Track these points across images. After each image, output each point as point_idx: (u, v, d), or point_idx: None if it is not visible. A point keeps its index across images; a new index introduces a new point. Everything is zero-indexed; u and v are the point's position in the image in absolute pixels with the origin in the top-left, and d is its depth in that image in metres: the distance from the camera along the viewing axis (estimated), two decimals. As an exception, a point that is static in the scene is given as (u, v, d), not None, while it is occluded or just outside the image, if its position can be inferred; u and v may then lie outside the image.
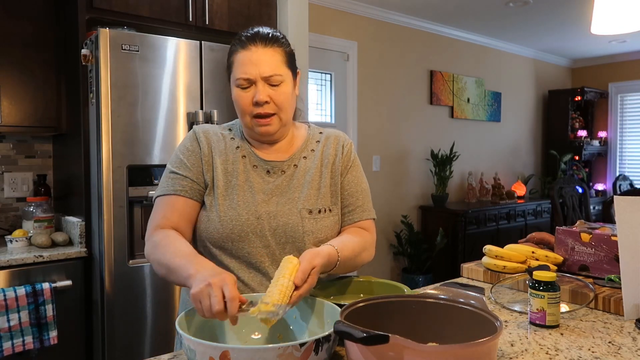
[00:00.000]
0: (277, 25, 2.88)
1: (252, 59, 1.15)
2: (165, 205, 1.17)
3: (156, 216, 1.17)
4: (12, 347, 2.01)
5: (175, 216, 1.16)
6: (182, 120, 2.34)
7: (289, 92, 1.19)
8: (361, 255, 1.20)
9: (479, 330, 0.85)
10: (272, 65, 1.16)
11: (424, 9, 4.36)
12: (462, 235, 4.48)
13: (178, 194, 1.17)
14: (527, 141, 6.18)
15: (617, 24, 1.65)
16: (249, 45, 1.16)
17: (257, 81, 1.15)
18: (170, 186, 1.18)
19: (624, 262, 1.20)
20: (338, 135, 1.32)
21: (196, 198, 1.19)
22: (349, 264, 1.15)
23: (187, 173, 1.19)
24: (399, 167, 4.66)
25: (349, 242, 1.16)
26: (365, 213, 1.28)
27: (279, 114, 1.18)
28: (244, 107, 1.17)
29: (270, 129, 1.19)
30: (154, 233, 1.14)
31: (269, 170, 1.22)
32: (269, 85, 1.16)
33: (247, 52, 1.16)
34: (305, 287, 0.95)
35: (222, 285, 0.88)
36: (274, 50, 1.18)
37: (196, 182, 1.19)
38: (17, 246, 2.25)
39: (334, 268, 1.09)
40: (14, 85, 2.36)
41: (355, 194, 1.28)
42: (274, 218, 1.17)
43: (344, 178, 1.27)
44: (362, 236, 1.24)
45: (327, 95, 4.18)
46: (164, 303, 2.28)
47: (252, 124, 1.19)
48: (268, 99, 1.16)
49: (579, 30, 5.08)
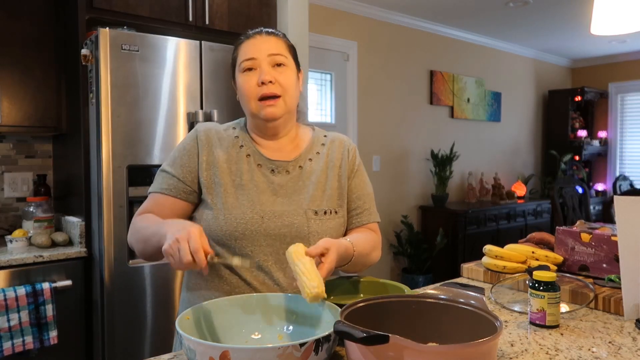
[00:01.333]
0: (277, 25, 2.88)
1: (256, 43, 1.20)
2: (152, 201, 1.23)
3: (140, 208, 1.23)
4: (12, 347, 2.01)
5: (156, 210, 1.20)
6: (182, 120, 2.34)
7: (293, 77, 1.22)
8: (372, 253, 1.24)
9: (479, 330, 0.85)
10: (276, 46, 1.20)
11: (424, 9, 4.36)
12: (462, 235, 4.49)
13: (164, 193, 1.21)
14: (527, 141, 6.18)
15: (617, 24, 1.64)
16: (254, 35, 1.22)
17: (262, 61, 1.18)
18: (158, 185, 1.23)
19: (624, 262, 1.20)
20: (342, 139, 1.34)
21: (181, 197, 1.21)
22: (361, 261, 1.18)
23: (176, 172, 1.22)
24: (399, 167, 4.66)
25: (362, 241, 1.20)
26: (372, 216, 1.32)
27: (284, 97, 1.20)
28: (249, 91, 1.19)
29: (275, 111, 1.19)
30: (134, 220, 1.21)
31: (274, 170, 1.23)
32: (273, 68, 1.19)
33: (252, 40, 1.21)
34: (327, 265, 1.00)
35: (188, 239, 0.95)
36: (277, 38, 1.23)
37: (182, 182, 1.21)
38: (17, 246, 2.25)
39: (349, 262, 1.12)
40: (14, 85, 2.36)
41: (363, 197, 1.30)
42: (279, 218, 1.17)
43: (351, 182, 1.30)
44: (372, 236, 1.27)
45: (327, 95, 4.18)
46: (164, 303, 2.28)
47: (258, 108, 1.19)
48: (273, 79, 1.18)
49: (579, 30, 5.08)
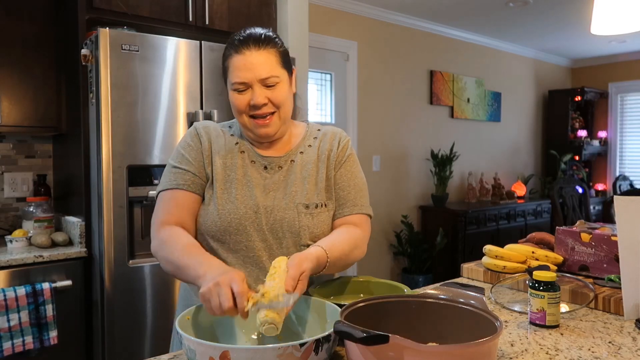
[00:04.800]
0: (277, 25, 2.88)
1: (246, 64, 1.15)
2: (168, 200, 1.18)
3: (160, 212, 1.18)
4: (12, 347, 2.01)
5: (178, 211, 1.17)
6: (182, 120, 2.34)
7: (285, 91, 1.20)
8: (352, 254, 1.18)
9: (479, 330, 0.85)
10: (267, 68, 1.15)
11: (424, 9, 4.36)
12: (462, 235, 4.48)
13: (181, 188, 1.18)
14: (527, 141, 6.18)
15: (617, 24, 1.64)
16: (242, 49, 1.16)
17: (254, 84, 1.15)
18: (173, 180, 1.19)
19: (624, 262, 1.20)
20: (335, 131, 1.32)
21: (198, 192, 1.20)
22: (339, 264, 1.14)
23: (189, 167, 1.20)
24: (399, 167, 4.66)
25: (338, 242, 1.15)
26: (356, 208, 1.24)
27: (279, 112, 1.19)
28: (241, 107, 1.18)
29: (269, 131, 1.19)
30: (160, 230, 1.15)
31: (267, 166, 1.23)
32: (265, 87, 1.16)
33: (241, 57, 1.15)
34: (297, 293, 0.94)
35: (231, 283, 0.90)
36: (267, 52, 1.17)
37: (198, 176, 1.20)
38: (17, 246, 2.25)
39: (323, 269, 1.09)
40: (14, 85, 2.36)
41: (347, 188, 1.25)
42: (271, 213, 1.17)
43: (337, 172, 1.26)
44: (352, 234, 1.20)
45: (327, 95, 4.18)
46: (164, 303, 2.28)
47: (251, 125, 1.19)
48: (266, 101, 1.16)
49: (579, 30, 5.08)
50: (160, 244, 1.13)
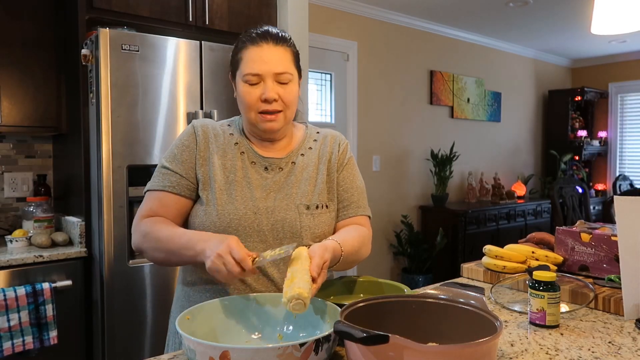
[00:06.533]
0: (277, 25, 2.88)
1: (262, 56, 1.16)
2: (153, 199, 1.20)
3: (144, 209, 1.20)
4: (12, 347, 2.01)
5: (164, 210, 1.19)
6: (182, 120, 2.34)
7: (295, 91, 1.21)
8: (361, 250, 1.21)
9: (479, 330, 0.85)
10: (283, 63, 1.17)
11: (424, 9, 4.36)
12: (462, 235, 4.48)
13: (166, 190, 1.19)
14: (527, 141, 6.18)
15: (617, 24, 1.64)
16: (260, 41, 1.17)
17: (267, 78, 1.16)
18: (160, 182, 1.21)
19: (624, 262, 1.20)
20: (335, 134, 1.34)
21: (185, 194, 1.20)
22: (350, 259, 1.16)
23: (178, 169, 1.20)
24: (399, 167, 4.66)
25: (350, 238, 1.17)
26: (360, 209, 1.29)
27: (285, 112, 1.20)
28: (251, 103, 1.18)
29: (275, 125, 1.20)
30: (140, 223, 1.17)
31: (267, 167, 1.23)
32: (277, 83, 1.17)
33: (258, 49, 1.16)
34: (320, 281, 0.97)
35: (230, 251, 0.97)
36: (284, 49, 1.19)
37: (185, 178, 1.20)
38: (17, 246, 2.25)
39: (337, 263, 1.10)
40: (14, 85, 2.36)
41: (350, 190, 1.29)
42: (272, 213, 1.18)
43: (339, 175, 1.29)
44: (360, 232, 1.24)
45: (327, 95, 4.18)
46: (164, 303, 2.28)
47: (257, 120, 1.19)
48: (277, 97, 1.17)
49: (579, 30, 5.08)
50: (142, 236, 1.15)
